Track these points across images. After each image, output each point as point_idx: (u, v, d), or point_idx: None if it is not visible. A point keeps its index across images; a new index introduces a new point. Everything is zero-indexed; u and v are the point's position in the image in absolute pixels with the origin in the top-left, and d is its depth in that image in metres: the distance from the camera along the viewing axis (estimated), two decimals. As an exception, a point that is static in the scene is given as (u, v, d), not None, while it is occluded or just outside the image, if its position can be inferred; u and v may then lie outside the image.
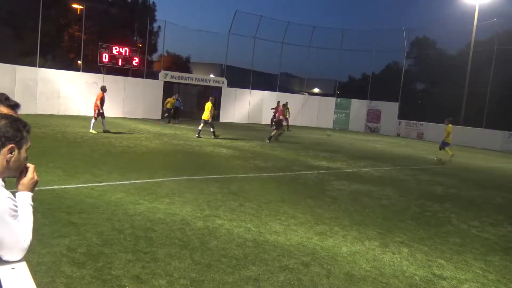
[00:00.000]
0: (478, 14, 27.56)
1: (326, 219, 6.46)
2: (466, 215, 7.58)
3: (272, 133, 17.81)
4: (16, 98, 1.89)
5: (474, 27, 27.79)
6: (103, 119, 16.00)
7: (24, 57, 24.52)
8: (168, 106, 23.91)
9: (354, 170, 11.97)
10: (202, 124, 17.08)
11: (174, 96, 24.49)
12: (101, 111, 15.86)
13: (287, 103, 26.75)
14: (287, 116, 25.94)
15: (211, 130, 17.13)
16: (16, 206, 1.66)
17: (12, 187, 1.74)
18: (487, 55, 27.22)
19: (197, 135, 16.92)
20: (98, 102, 15.85)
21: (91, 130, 15.61)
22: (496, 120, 26.14)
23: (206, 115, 16.98)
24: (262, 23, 31.64)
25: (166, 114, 23.99)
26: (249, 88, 31.11)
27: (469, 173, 13.62)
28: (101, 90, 16.17)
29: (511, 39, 27.05)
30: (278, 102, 28.39)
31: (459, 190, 10.22)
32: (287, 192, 8.18)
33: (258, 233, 5.53)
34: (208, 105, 17.05)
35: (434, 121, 28.42)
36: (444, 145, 16.06)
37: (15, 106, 1.77)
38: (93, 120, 15.87)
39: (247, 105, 30.59)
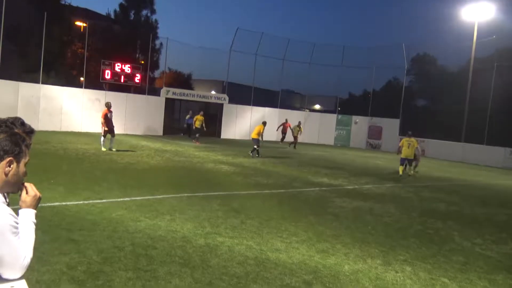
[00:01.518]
0: (478, 31, 27.86)
1: (328, 237, 6.41)
2: (469, 233, 7.52)
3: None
4: (18, 114, 1.90)
5: (474, 44, 28.03)
6: (112, 137, 15.75)
7: (27, 74, 24.71)
8: (197, 124, 22.77)
9: (356, 187, 11.93)
10: (257, 145, 17.87)
11: (201, 113, 23.22)
12: (105, 129, 15.71)
13: (300, 122, 26.93)
14: (296, 135, 26.03)
15: (257, 148, 17.76)
16: (17, 223, 1.65)
17: (15, 203, 1.74)
18: (487, 72, 27.39)
19: (257, 155, 17.59)
20: (102, 120, 15.74)
21: (102, 148, 15.51)
22: (497, 136, 26.14)
23: (255, 134, 18.04)
24: (263, 40, 32.00)
25: (198, 134, 22.89)
26: (250, 105, 31.24)
27: (471, 190, 13.55)
28: (105, 106, 16.03)
29: (511, 56, 27.24)
30: (286, 119, 28.53)
31: (461, 207, 10.16)
32: (288, 209, 8.14)
33: (260, 250, 5.48)
34: (259, 127, 18.05)
35: (436, 138, 28.46)
36: (401, 161, 15.38)
37: (30, 132, 1.79)
38: (102, 138, 15.77)
39: (248, 122, 30.64)
